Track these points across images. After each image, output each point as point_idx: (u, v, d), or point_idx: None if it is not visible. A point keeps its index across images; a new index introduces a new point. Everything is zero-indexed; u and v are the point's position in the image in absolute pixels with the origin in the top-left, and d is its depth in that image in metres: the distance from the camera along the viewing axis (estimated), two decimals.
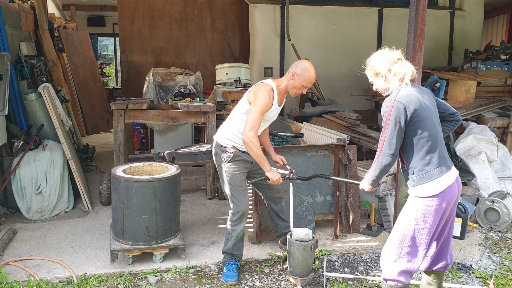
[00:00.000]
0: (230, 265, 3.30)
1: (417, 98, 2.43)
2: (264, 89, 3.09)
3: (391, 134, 2.42)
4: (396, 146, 2.44)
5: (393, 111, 2.40)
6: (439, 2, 8.25)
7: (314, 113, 6.06)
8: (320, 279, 3.28)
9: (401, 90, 2.45)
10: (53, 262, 3.48)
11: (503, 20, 10.73)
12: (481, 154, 4.77)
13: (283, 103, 3.33)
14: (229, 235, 3.32)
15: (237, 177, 3.23)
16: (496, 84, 6.32)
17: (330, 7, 7.48)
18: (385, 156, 2.47)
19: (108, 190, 4.69)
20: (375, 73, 2.57)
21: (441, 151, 2.47)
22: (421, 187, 2.45)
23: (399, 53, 2.54)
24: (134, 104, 4.78)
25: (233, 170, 3.23)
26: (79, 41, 9.21)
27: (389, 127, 2.42)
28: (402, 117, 2.39)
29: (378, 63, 2.53)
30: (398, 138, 2.43)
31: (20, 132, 4.69)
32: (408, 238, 2.50)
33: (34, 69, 5.43)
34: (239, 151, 3.23)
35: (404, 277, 2.54)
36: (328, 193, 4.11)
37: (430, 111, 2.47)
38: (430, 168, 2.43)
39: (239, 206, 3.24)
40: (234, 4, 8.32)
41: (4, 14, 5.07)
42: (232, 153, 3.21)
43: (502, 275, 3.39)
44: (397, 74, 2.48)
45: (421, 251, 2.51)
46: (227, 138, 3.25)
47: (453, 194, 2.47)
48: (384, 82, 2.55)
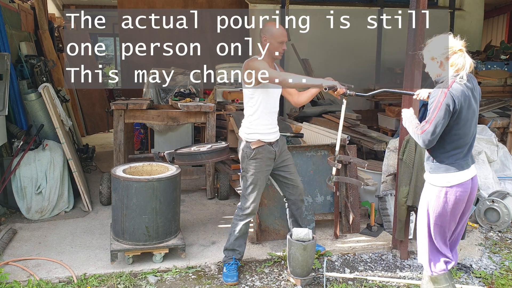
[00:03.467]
0: (230, 265, 3.29)
1: (466, 97, 2.41)
2: (252, 60, 3.16)
3: (440, 119, 2.40)
4: (439, 131, 2.43)
5: (446, 99, 2.38)
6: (439, 2, 8.25)
7: (314, 113, 6.06)
8: (320, 279, 3.28)
9: (455, 83, 2.41)
10: (53, 262, 3.48)
11: (503, 20, 10.73)
12: (481, 154, 4.77)
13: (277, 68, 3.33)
14: (232, 229, 3.33)
15: (257, 175, 3.22)
16: (496, 84, 6.32)
17: (330, 7, 7.48)
18: (427, 134, 2.44)
19: (108, 190, 4.69)
20: (431, 57, 2.51)
21: (467, 150, 2.51)
22: (436, 175, 2.50)
23: (462, 44, 2.47)
24: (134, 104, 4.78)
25: (254, 167, 3.21)
26: (79, 41, 9.21)
27: (439, 112, 2.40)
28: (451, 108, 2.38)
29: (437, 48, 2.48)
30: (443, 125, 2.42)
31: (20, 132, 4.69)
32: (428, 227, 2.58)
33: (34, 69, 5.43)
34: (265, 145, 3.21)
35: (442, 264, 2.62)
36: (328, 193, 4.11)
37: (473, 112, 2.47)
38: (450, 162, 2.47)
39: (249, 204, 3.25)
40: (234, 4, 8.32)
41: (4, 14, 5.07)
42: (255, 150, 3.19)
43: (502, 275, 3.40)
44: (454, 65, 2.43)
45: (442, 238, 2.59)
46: (249, 132, 3.24)
47: (465, 191, 2.50)
48: (438, 68, 2.50)
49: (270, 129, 3.26)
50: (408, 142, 3.43)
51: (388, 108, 6.29)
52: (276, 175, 3.42)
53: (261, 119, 3.21)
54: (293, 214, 3.56)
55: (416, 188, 3.41)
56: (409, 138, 3.44)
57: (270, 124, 3.25)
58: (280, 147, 3.33)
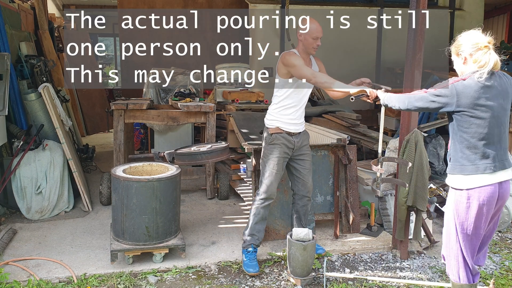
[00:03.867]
0: (250, 253, 3.38)
1: (477, 95, 2.31)
2: (289, 54, 3.25)
3: (427, 98, 2.41)
4: (420, 107, 2.45)
5: (445, 89, 2.35)
6: (439, 2, 8.25)
7: (314, 113, 6.05)
8: (320, 279, 3.28)
9: (469, 79, 2.34)
10: (53, 262, 3.48)
11: (503, 20, 10.72)
12: None
13: (311, 67, 3.37)
14: (251, 214, 3.42)
15: (273, 160, 3.31)
16: None
17: (330, 7, 7.48)
18: (412, 102, 2.47)
19: (108, 190, 4.69)
20: (457, 53, 2.45)
21: (490, 152, 2.37)
22: (452, 176, 2.45)
23: (489, 40, 2.38)
24: (134, 104, 4.78)
25: (271, 153, 3.32)
26: (79, 41, 9.21)
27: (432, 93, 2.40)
28: (445, 99, 2.36)
29: (463, 44, 2.41)
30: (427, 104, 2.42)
31: (20, 132, 4.69)
32: (454, 233, 2.49)
33: (34, 69, 5.43)
34: (283, 132, 3.31)
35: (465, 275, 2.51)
36: (328, 193, 4.11)
37: (494, 113, 2.35)
38: (465, 163, 2.38)
39: (266, 188, 3.33)
40: (234, 4, 8.32)
41: (4, 14, 5.07)
42: (272, 135, 3.31)
43: (502, 275, 3.40)
44: (477, 61, 2.35)
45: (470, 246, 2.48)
46: (270, 119, 3.37)
47: (490, 196, 2.37)
48: (462, 65, 2.44)
49: (292, 120, 3.35)
50: (408, 142, 3.43)
51: (388, 108, 6.28)
52: (290, 167, 3.50)
53: (285, 110, 3.33)
54: (297, 210, 3.60)
55: (416, 188, 3.41)
56: (409, 138, 3.43)
57: (292, 116, 3.35)
58: (301, 141, 3.44)
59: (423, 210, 3.47)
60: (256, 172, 3.87)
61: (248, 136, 4.79)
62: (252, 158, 3.86)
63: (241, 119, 5.17)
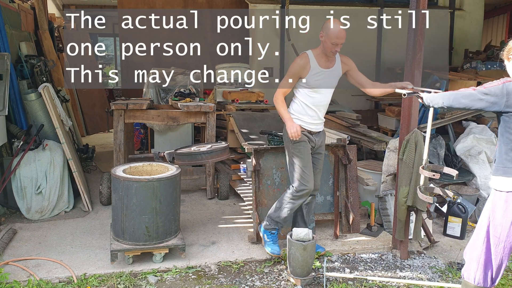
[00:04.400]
0: (274, 235, 3.45)
1: None
2: (297, 57, 3.36)
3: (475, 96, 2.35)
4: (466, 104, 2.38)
5: (497, 87, 2.32)
6: (439, 2, 8.24)
7: None
8: (320, 279, 3.28)
9: None
10: (53, 262, 3.48)
11: (503, 20, 10.72)
12: (481, 154, 4.77)
13: (332, 66, 3.41)
14: (283, 205, 3.42)
15: (304, 156, 3.35)
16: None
17: (330, 7, 7.47)
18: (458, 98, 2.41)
19: (108, 190, 4.69)
20: (507, 57, 2.44)
21: None
22: (495, 178, 2.42)
23: None
24: (134, 104, 4.78)
25: (299, 151, 3.35)
26: (79, 41, 9.22)
27: (481, 91, 2.35)
28: (494, 98, 2.32)
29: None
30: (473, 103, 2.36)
31: (20, 132, 4.69)
32: (484, 234, 2.45)
33: (34, 69, 5.43)
34: (305, 131, 3.39)
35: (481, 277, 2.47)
36: (328, 193, 4.11)
37: None
38: (508, 165, 2.36)
39: (305, 185, 3.34)
40: (234, 4, 8.32)
41: (4, 14, 5.08)
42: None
43: (502, 275, 3.39)
44: None
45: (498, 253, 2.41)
46: (294, 118, 3.40)
47: None
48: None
49: (312, 120, 3.42)
50: (408, 142, 3.43)
51: (388, 108, 6.29)
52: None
53: (304, 108, 3.40)
54: (301, 208, 3.61)
55: (416, 188, 3.41)
56: (409, 138, 3.44)
57: (311, 114, 3.41)
58: (321, 140, 3.51)
59: (423, 210, 3.47)
60: (256, 172, 3.87)
61: (248, 136, 4.80)
62: (252, 158, 3.86)
63: (241, 119, 5.17)
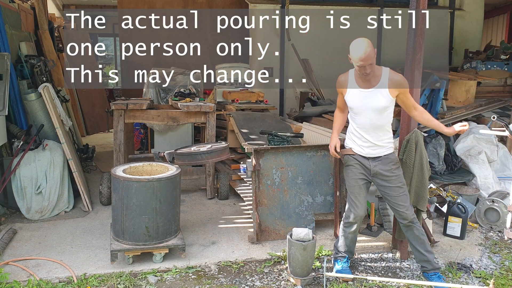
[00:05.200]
0: (344, 262, 3.41)
1: None
2: (340, 75, 3.32)
3: None
4: None
5: None
6: (439, 2, 8.24)
7: (314, 113, 6.05)
8: (320, 279, 3.28)
9: None
10: (53, 262, 3.48)
11: (503, 20, 10.72)
12: (481, 154, 4.77)
13: (373, 86, 3.12)
14: (341, 233, 3.43)
15: (350, 181, 3.27)
16: (496, 84, 6.32)
17: (330, 7, 7.48)
18: None
19: (108, 190, 4.69)
20: None
21: None
22: None
23: None
24: (134, 104, 4.78)
25: (347, 174, 3.30)
26: (79, 41, 9.22)
27: None
28: None
29: None
30: None
31: (20, 132, 4.69)
32: None
33: (34, 69, 5.43)
34: (356, 154, 3.23)
35: None
36: (328, 193, 4.11)
37: None
38: None
39: (351, 210, 3.27)
40: (234, 4, 8.32)
41: (4, 14, 5.07)
42: (345, 156, 3.29)
43: (502, 275, 3.39)
44: None
45: None
46: (347, 139, 3.35)
47: None
48: None
49: (361, 142, 3.20)
50: (408, 142, 3.43)
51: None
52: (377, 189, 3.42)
53: (351, 130, 3.29)
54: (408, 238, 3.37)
55: (416, 188, 3.41)
56: (409, 138, 3.43)
57: (359, 137, 3.21)
58: (379, 168, 3.17)
59: (423, 210, 3.47)
60: (256, 172, 3.87)
61: (248, 136, 4.79)
62: (252, 158, 3.86)
63: (241, 119, 5.17)
